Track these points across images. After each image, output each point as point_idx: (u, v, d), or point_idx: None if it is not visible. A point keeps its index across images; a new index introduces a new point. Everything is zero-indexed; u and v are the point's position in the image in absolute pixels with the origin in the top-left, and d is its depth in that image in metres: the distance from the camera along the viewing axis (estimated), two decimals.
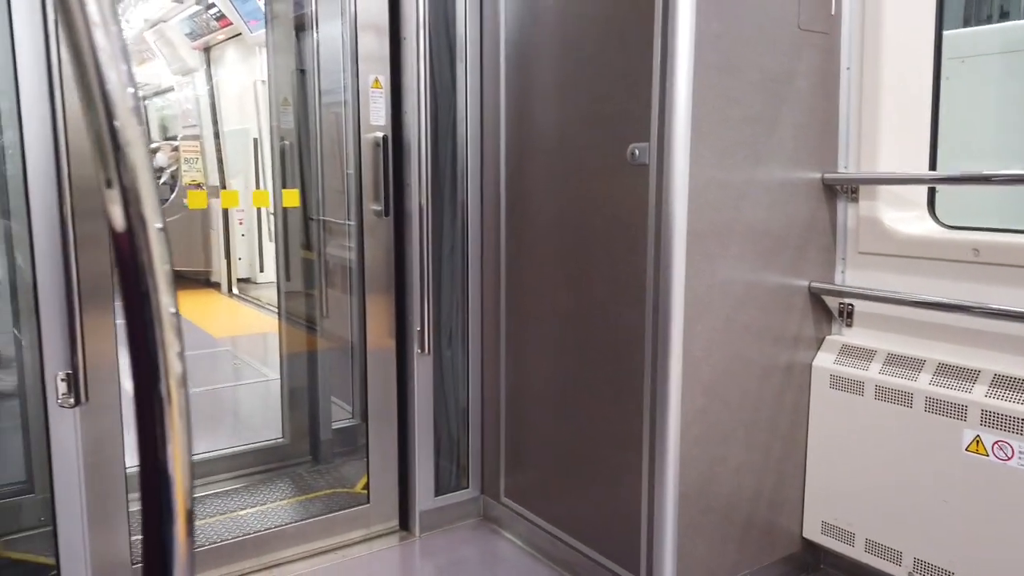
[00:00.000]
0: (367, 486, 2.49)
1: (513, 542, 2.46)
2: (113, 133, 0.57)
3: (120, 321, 2.00)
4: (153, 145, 7.54)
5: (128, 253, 0.58)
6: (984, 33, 2.66)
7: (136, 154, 0.58)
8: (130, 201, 0.58)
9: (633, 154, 1.92)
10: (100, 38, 0.56)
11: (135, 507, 2.27)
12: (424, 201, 2.36)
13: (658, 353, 1.89)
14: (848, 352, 2.09)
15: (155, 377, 0.58)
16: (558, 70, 2.17)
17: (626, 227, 1.97)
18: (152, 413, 0.59)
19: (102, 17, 0.56)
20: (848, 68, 2.12)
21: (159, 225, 0.58)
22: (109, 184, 0.57)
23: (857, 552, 2.05)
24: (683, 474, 1.92)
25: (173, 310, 0.58)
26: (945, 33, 2.22)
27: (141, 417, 0.59)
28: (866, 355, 2.05)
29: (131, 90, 0.58)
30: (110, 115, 0.57)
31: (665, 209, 1.85)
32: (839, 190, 2.15)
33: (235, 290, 6.84)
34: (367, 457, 2.47)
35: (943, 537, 1.89)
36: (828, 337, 2.17)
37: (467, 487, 2.60)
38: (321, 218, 2.87)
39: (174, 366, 0.59)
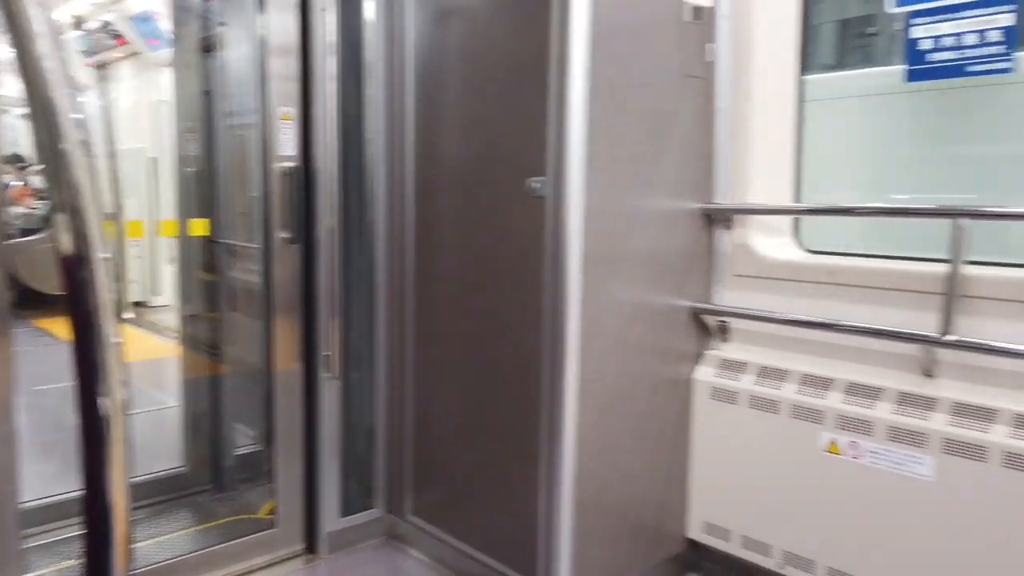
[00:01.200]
0: (273, 511, 2.50)
1: (418, 559, 2.53)
2: (61, 158, 0.59)
3: (18, 349, 1.95)
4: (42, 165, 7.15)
5: (75, 278, 0.62)
6: (841, 78, 2.96)
7: (83, 181, 0.61)
8: (77, 227, 0.61)
9: (532, 187, 2.06)
10: (45, 49, 0.58)
11: (28, 544, 2.19)
12: (333, 228, 2.42)
13: (555, 371, 2.03)
14: (725, 365, 2.30)
15: (99, 402, 0.64)
16: (463, 105, 2.30)
17: (526, 254, 2.11)
18: (95, 437, 0.64)
19: (47, 28, 0.58)
20: (722, 109, 2.35)
21: (104, 255, 0.63)
22: (59, 209, 0.61)
23: (733, 548, 2.26)
24: (579, 483, 2.06)
25: (117, 339, 0.64)
26: (807, 77, 2.49)
27: (85, 441, 0.64)
28: (740, 368, 2.26)
29: (77, 116, 0.61)
30: (54, 138, 0.59)
31: (561, 238, 2.00)
32: (716, 219, 2.37)
33: (128, 315, 6.57)
34: (273, 481, 2.49)
35: (806, 529, 2.11)
36: (708, 352, 2.37)
37: (374, 507, 2.65)
38: (227, 241, 2.87)
39: (117, 392, 0.65)
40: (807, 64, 2.54)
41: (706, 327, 2.39)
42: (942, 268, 1.91)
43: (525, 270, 2.12)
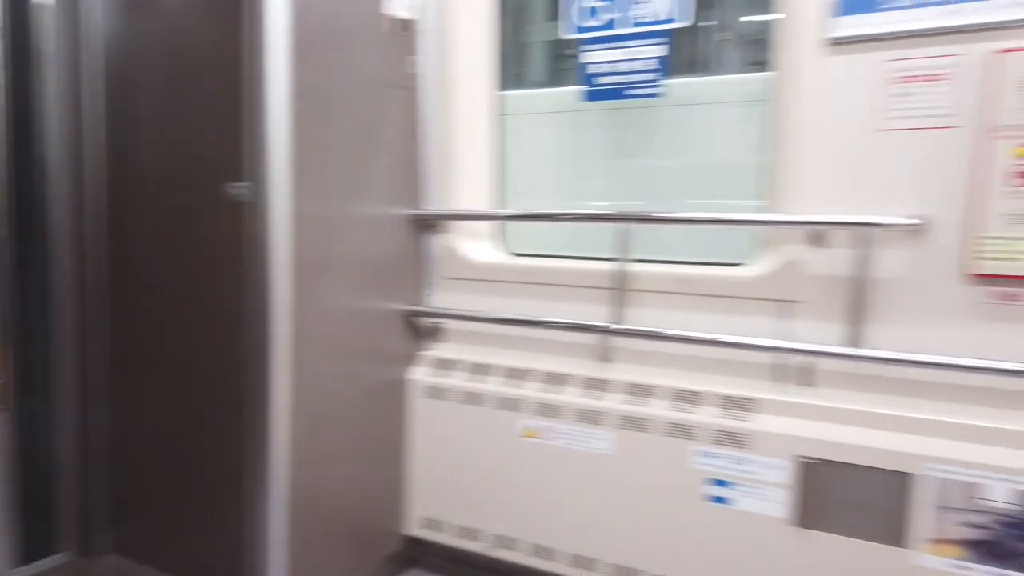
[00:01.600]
0: None
1: None
2: None
3: None
4: None
5: None
6: (540, 95, 3.24)
7: None
8: None
9: (233, 193, 1.98)
10: None
11: None
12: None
13: (263, 382, 1.97)
14: (438, 365, 2.41)
15: None
16: (160, 104, 2.14)
17: (230, 264, 2.02)
18: None
19: None
20: (427, 120, 2.45)
21: None
22: None
23: (448, 538, 2.37)
24: (293, 495, 2.01)
25: None
26: (509, 93, 2.69)
27: None
28: (452, 365, 2.38)
29: None
30: None
31: (266, 245, 1.94)
32: (426, 225, 2.47)
33: None
34: None
35: (511, 511, 2.28)
36: (422, 353, 2.47)
37: (60, 551, 2.36)
38: None
39: None
40: (519, 80, 2.75)
41: (421, 328, 2.48)
42: (614, 266, 2.18)
43: (231, 279, 2.03)
